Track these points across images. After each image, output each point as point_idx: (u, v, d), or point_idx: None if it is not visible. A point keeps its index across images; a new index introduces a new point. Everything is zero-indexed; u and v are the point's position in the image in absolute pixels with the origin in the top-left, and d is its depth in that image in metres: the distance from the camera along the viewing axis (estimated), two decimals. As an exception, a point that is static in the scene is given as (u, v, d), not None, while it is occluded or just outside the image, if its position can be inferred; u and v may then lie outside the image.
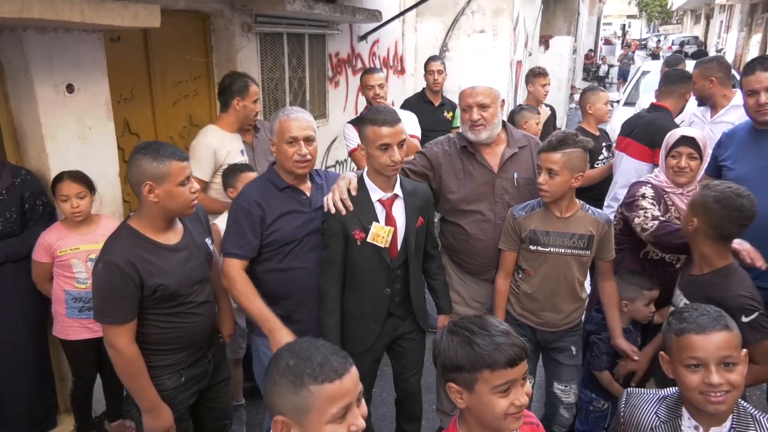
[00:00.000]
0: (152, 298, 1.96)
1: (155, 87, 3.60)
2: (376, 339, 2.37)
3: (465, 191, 2.51)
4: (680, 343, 1.51)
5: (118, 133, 3.34)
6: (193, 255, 2.09)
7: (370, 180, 2.25)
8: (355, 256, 2.25)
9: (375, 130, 2.13)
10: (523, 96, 9.49)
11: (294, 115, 2.23)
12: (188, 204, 2.00)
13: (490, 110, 2.40)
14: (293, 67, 4.85)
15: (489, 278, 2.57)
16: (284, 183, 2.26)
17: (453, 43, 7.23)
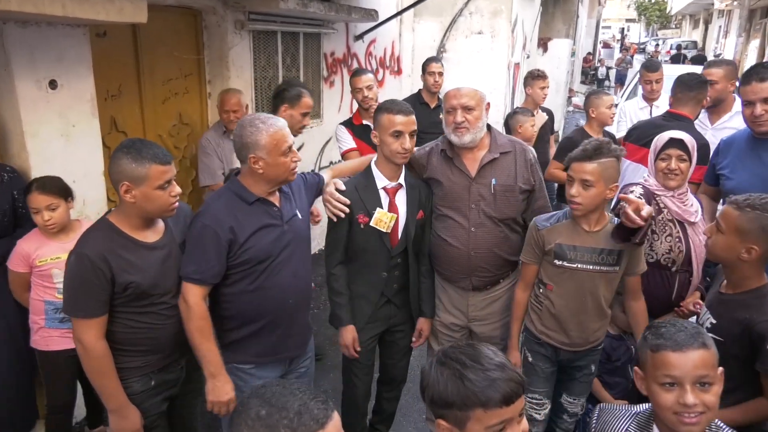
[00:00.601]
0: (123, 295, 1.91)
1: (144, 84, 3.52)
2: (367, 320, 2.47)
3: (441, 196, 2.46)
4: (655, 360, 1.44)
5: (105, 131, 3.27)
6: (172, 255, 2.03)
7: (378, 168, 2.41)
8: (357, 239, 2.38)
9: (390, 118, 2.29)
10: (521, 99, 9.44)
11: (280, 124, 2.08)
12: (166, 207, 1.94)
13: (475, 113, 2.33)
14: (287, 66, 4.77)
15: (464, 287, 2.51)
16: (253, 196, 2.10)
17: (450, 44, 7.16)
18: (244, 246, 2.06)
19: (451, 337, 2.63)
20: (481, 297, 2.52)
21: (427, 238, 2.51)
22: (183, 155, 3.93)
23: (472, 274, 2.44)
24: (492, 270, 2.45)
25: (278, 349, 2.24)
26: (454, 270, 2.47)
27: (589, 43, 22.11)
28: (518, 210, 2.43)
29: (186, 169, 3.96)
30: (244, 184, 2.11)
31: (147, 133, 3.59)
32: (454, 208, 2.42)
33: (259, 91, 4.45)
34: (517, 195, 2.40)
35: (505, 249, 2.44)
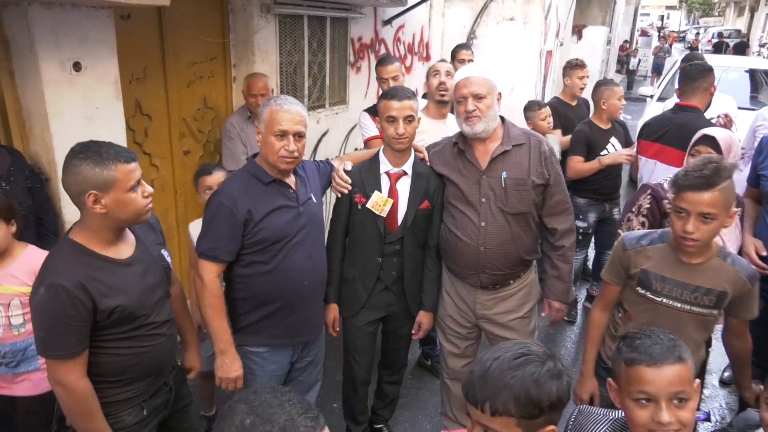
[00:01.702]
0: (108, 322, 1.69)
1: (169, 67, 3.50)
2: (362, 305, 2.49)
3: (452, 189, 2.41)
4: (630, 375, 1.39)
5: (129, 113, 3.28)
6: (149, 269, 1.83)
7: (384, 154, 2.44)
8: (355, 219, 2.43)
9: (385, 104, 2.33)
10: (552, 88, 9.21)
11: (287, 106, 2.08)
12: (141, 211, 1.73)
13: (486, 101, 2.27)
14: (313, 51, 4.72)
15: (473, 283, 2.44)
16: (269, 177, 2.14)
17: (481, 30, 7.00)
18: (259, 225, 2.08)
19: (458, 334, 2.58)
20: (490, 296, 2.45)
21: (434, 229, 2.47)
22: (207, 139, 3.93)
23: (481, 271, 2.37)
24: (502, 268, 2.37)
25: (292, 333, 2.26)
26: (463, 265, 2.41)
27: (626, 30, 21.48)
28: (532, 205, 2.33)
29: (210, 154, 3.96)
30: (260, 165, 2.15)
31: (171, 116, 3.59)
32: (464, 201, 2.36)
33: (284, 75, 4.41)
34: (530, 189, 2.30)
35: (518, 246, 2.35)
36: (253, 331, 2.22)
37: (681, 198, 1.85)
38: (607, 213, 4.10)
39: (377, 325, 2.60)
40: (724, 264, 1.91)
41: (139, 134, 3.40)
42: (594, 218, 4.10)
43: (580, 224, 4.05)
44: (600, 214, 4.10)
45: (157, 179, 3.59)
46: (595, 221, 4.11)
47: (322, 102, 4.99)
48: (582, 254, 4.26)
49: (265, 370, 2.27)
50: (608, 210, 4.09)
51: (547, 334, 4.11)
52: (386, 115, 2.30)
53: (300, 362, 2.39)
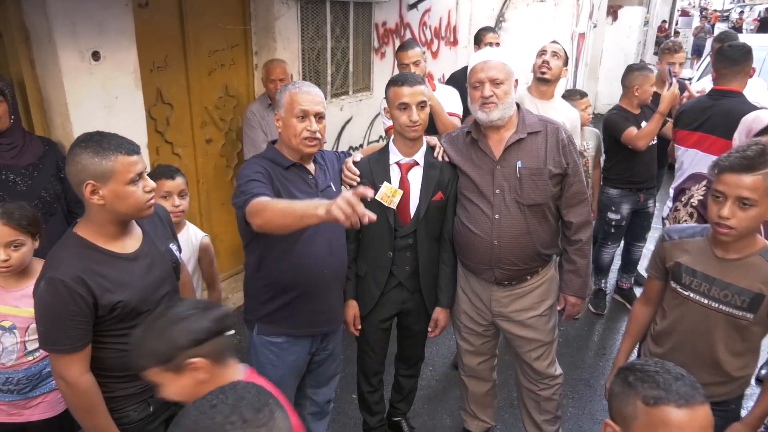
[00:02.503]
0: (110, 317, 1.66)
1: (190, 55, 3.49)
2: (375, 303, 2.42)
3: (465, 180, 2.32)
4: (653, 417, 1.17)
5: (151, 102, 3.29)
6: (155, 264, 1.79)
7: (394, 144, 2.35)
8: None
9: (396, 90, 2.23)
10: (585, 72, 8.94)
11: (306, 88, 2.07)
12: (141, 205, 1.67)
13: (504, 87, 2.17)
14: (336, 37, 4.65)
15: (488, 279, 2.34)
16: (288, 161, 2.11)
17: (510, 13, 6.81)
18: None
19: (473, 331, 2.50)
20: (506, 292, 2.35)
21: (449, 222, 2.38)
22: (229, 128, 3.92)
23: (495, 266, 2.27)
24: (518, 263, 2.26)
25: (311, 323, 2.23)
26: (477, 260, 2.31)
27: (665, 11, 20.66)
28: (548, 196, 2.22)
29: (232, 142, 3.95)
30: (280, 151, 2.13)
31: (193, 104, 3.59)
32: (477, 193, 2.26)
33: (306, 62, 4.36)
34: (546, 179, 2.19)
35: (534, 240, 2.24)
36: (273, 320, 2.21)
37: (720, 180, 1.70)
38: (641, 204, 3.89)
39: (392, 321, 2.54)
40: (764, 262, 1.74)
41: (161, 123, 3.40)
42: (628, 210, 3.88)
43: (612, 216, 3.88)
44: (634, 205, 3.88)
45: (180, 168, 3.56)
46: (629, 213, 3.90)
47: (346, 89, 4.92)
48: (613, 248, 4.08)
49: (285, 361, 2.26)
50: (643, 201, 3.88)
51: (573, 326, 4.00)
52: (398, 102, 2.21)
53: (319, 354, 2.37)
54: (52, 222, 2.57)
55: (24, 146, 2.51)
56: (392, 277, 2.39)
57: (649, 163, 3.79)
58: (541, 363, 2.43)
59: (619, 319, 4.11)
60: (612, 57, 10.39)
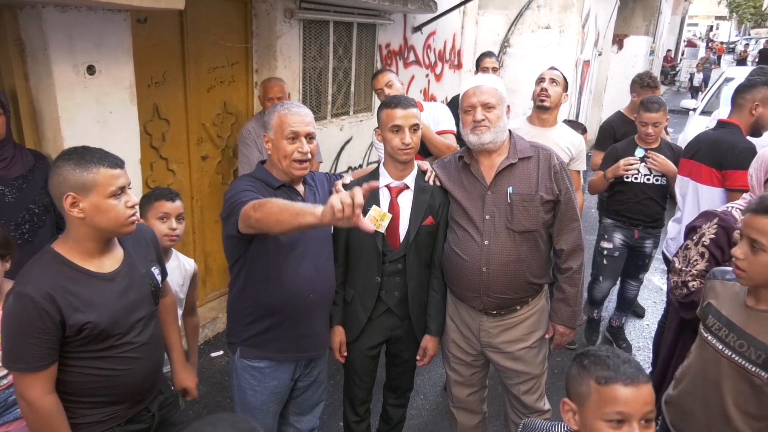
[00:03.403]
0: (77, 338, 1.59)
1: (189, 71, 3.48)
2: (363, 329, 2.37)
3: (455, 205, 2.28)
4: (603, 394, 1.33)
5: (147, 117, 3.27)
6: (132, 286, 1.73)
7: (384, 167, 2.31)
8: (353, 236, 2.30)
9: (388, 113, 2.19)
10: (589, 99, 8.94)
11: (295, 109, 2.04)
12: (123, 221, 1.63)
13: (495, 111, 2.14)
14: (339, 57, 4.65)
15: (476, 307, 2.28)
16: (278, 181, 2.07)
17: (515, 38, 6.83)
18: None
19: (462, 361, 2.43)
20: (495, 322, 2.29)
21: (439, 248, 2.34)
22: (226, 145, 3.89)
23: (484, 294, 2.21)
24: (507, 291, 2.21)
25: (295, 348, 2.18)
26: (465, 287, 2.26)
27: (671, 41, 20.84)
28: (540, 222, 2.17)
29: (229, 159, 3.93)
30: (269, 171, 2.10)
31: (190, 121, 3.57)
32: (467, 218, 2.22)
33: (308, 82, 4.35)
34: (538, 206, 2.15)
35: (524, 268, 2.18)
36: (255, 344, 2.15)
37: (744, 222, 1.69)
38: (636, 241, 3.73)
39: (380, 349, 2.48)
40: None
41: (156, 138, 3.38)
42: (621, 241, 3.75)
43: (605, 245, 3.81)
44: (628, 240, 3.74)
45: (174, 184, 3.56)
46: (623, 245, 3.76)
47: (347, 109, 4.91)
48: (607, 284, 3.91)
49: (266, 387, 2.20)
50: (638, 238, 3.71)
51: (569, 356, 3.91)
52: (390, 125, 2.17)
53: (303, 380, 2.31)
54: (41, 234, 2.55)
55: (14, 158, 2.49)
56: (380, 302, 2.33)
57: (646, 201, 3.61)
58: (529, 397, 2.36)
59: (617, 351, 4.01)
60: (617, 85, 10.40)
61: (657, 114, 3.43)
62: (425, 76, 6.01)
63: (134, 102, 2.92)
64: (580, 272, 2.26)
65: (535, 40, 6.74)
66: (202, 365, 3.57)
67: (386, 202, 2.28)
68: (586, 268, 3.73)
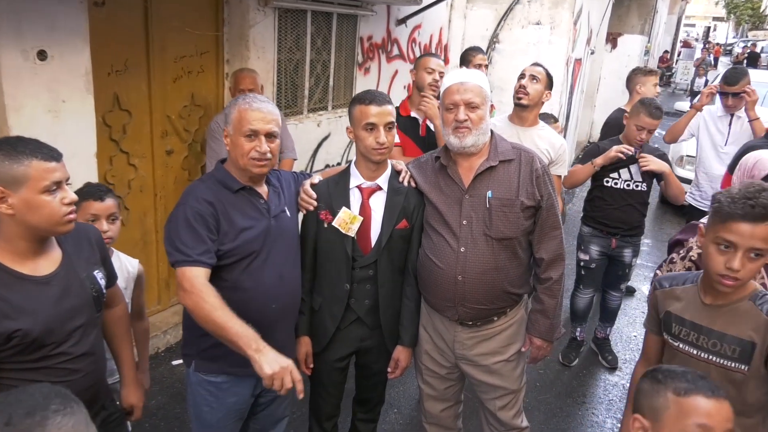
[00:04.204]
0: (6, 347, 1.51)
1: (153, 60, 3.39)
2: (330, 339, 2.30)
3: (430, 209, 2.23)
4: (684, 405, 1.32)
5: (106, 108, 3.18)
6: (70, 290, 1.65)
7: (356, 167, 2.25)
8: (322, 240, 2.24)
9: (362, 109, 2.13)
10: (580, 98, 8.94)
11: (257, 104, 1.95)
12: (57, 219, 1.55)
13: (479, 112, 2.10)
14: (317, 49, 4.58)
15: (451, 317, 2.23)
16: (238, 184, 2.00)
17: (504, 34, 6.80)
18: (225, 237, 1.95)
19: (435, 374, 2.38)
20: (470, 333, 2.24)
21: (413, 253, 2.29)
22: (193, 139, 3.81)
23: (459, 304, 2.17)
24: (484, 301, 2.16)
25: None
26: (439, 296, 2.21)
27: (667, 41, 21.04)
28: (520, 229, 2.13)
29: (196, 154, 3.84)
30: (229, 171, 2.03)
31: (154, 112, 3.48)
32: (443, 223, 2.17)
33: (283, 74, 4.27)
34: (518, 211, 2.11)
35: (502, 277, 2.14)
36: (211, 357, 2.07)
37: (728, 229, 1.62)
38: (614, 251, 3.70)
39: (349, 360, 2.42)
40: (755, 308, 1.66)
41: (116, 131, 3.28)
42: (597, 252, 3.71)
43: (581, 256, 3.78)
44: (605, 249, 3.71)
45: (135, 180, 3.47)
46: (600, 255, 3.73)
47: (325, 104, 4.84)
48: (587, 293, 3.90)
49: (224, 403, 2.12)
50: (615, 247, 3.68)
51: (552, 369, 3.87)
52: (364, 122, 2.11)
53: (265, 396, 2.23)
54: None
55: None
56: (350, 311, 2.27)
57: (625, 208, 3.58)
58: (506, 413, 2.31)
59: (600, 365, 3.99)
60: (610, 85, 10.44)
61: (657, 121, 3.39)
62: (410, 71, 5.91)
63: (90, 91, 2.83)
64: (560, 283, 2.22)
65: (525, 36, 6.71)
66: (161, 374, 3.48)
67: (357, 204, 2.22)
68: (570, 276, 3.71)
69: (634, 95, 4.21)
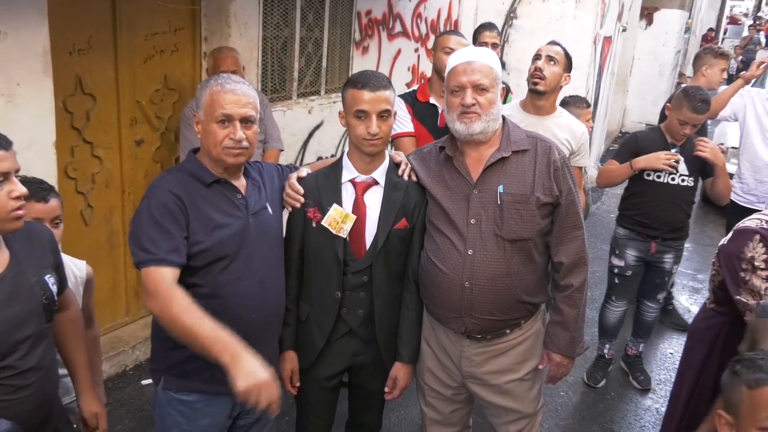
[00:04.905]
0: None
1: (121, 38, 3.42)
2: (319, 354, 2.29)
3: (434, 206, 2.23)
4: (756, 398, 1.38)
5: (67, 92, 3.21)
6: (18, 296, 1.64)
7: (349, 158, 2.25)
8: (310, 241, 2.25)
9: (353, 94, 2.13)
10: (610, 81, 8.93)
11: (231, 85, 1.95)
12: (3, 215, 1.56)
13: (488, 95, 2.10)
14: (308, 26, 4.61)
15: (457, 329, 2.23)
16: (211, 176, 2.00)
17: (523, 8, 6.83)
18: (195, 237, 1.94)
19: (440, 395, 2.39)
20: (479, 348, 2.24)
21: (414, 257, 2.30)
22: (166, 127, 3.84)
23: (466, 314, 2.16)
24: (494, 312, 2.16)
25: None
26: (444, 305, 2.21)
27: (712, 17, 21.00)
28: (535, 229, 2.14)
29: (169, 145, 3.87)
30: (201, 162, 2.04)
31: (122, 97, 3.50)
32: (448, 222, 2.17)
33: (269, 53, 4.30)
34: (533, 209, 2.11)
35: (515, 283, 2.14)
36: (183, 373, 2.07)
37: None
38: (654, 256, 3.69)
39: (340, 378, 2.42)
40: None
41: (79, 118, 3.31)
42: (634, 257, 3.70)
43: (615, 262, 3.77)
44: (643, 255, 3.70)
45: (100, 173, 3.50)
46: (637, 262, 3.72)
47: (317, 88, 4.87)
48: (620, 305, 3.87)
49: (196, 425, 2.13)
50: (655, 252, 3.67)
51: (575, 391, 3.88)
52: (355, 109, 2.11)
53: (244, 418, 2.24)
54: None
55: None
56: (341, 322, 2.28)
57: (668, 206, 3.56)
58: None
59: (630, 386, 3.98)
60: (644, 67, 10.46)
61: (702, 116, 3.39)
62: (414, 51, 5.97)
63: (49, 72, 2.86)
64: (582, 290, 2.22)
65: (547, 10, 6.75)
66: (129, 394, 3.50)
67: (350, 201, 2.22)
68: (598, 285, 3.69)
69: (699, 77, 4.26)
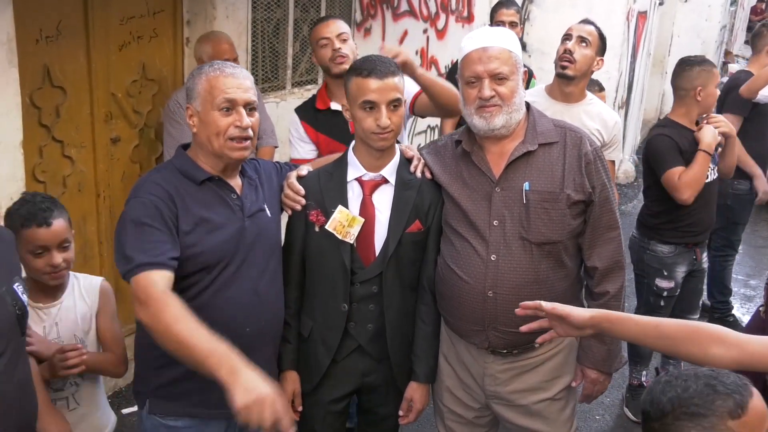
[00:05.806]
0: None
1: (93, 22, 3.47)
2: (324, 374, 2.33)
3: (451, 207, 2.28)
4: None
5: (34, 85, 3.26)
6: None
7: (354, 154, 2.30)
8: (312, 248, 2.30)
9: (358, 83, 2.17)
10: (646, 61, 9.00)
11: (230, 69, 2.03)
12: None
13: (509, 84, 2.14)
14: (302, 6, 4.68)
15: (479, 344, 2.27)
16: (203, 173, 2.06)
17: (546, -19, 6.89)
18: (185, 241, 2.00)
19: (461, 419, 2.43)
20: (505, 365, 2.29)
21: (429, 263, 2.35)
22: (146, 123, 3.90)
23: (490, 327, 2.21)
24: (521, 324, 2.16)
25: (226, 401, 2.13)
26: (465, 318, 2.26)
27: (761, -13, 21.06)
28: (566, 231, 2.19)
29: (149, 143, 3.93)
30: (192, 158, 2.09)
31: (95, 90, 3.56)
32: (468, 224, 2.22)
33: (259, 37, 4.37)
34: (563, 208, 2.16)
35: (544, 292, 2.17)
36: (170, 395, 2.13)
37: None
38: (697, 263, 3.75)
39: (348, 401, 2.47)
40: None
41: (48, 114, 3.36)
42: (683, 273, 3.70)
43: (664, 285, 3.70)
44: (690, 266, 3.72)
45: (72, 176, 3.54)
46: (684, 276, 3.73)
47: (313, 76, 4.93)
48: None
49: None
50: (698, 257, 3.73)
51: (611, 412, 3.91)
52: (361, 100, 2.16)
53: None
54: None
55: None
56: (348, 338, 2.33)
57: (712, 205, 3.64)
58: None
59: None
60: (685, 45, 10.46)
61: None
62: (423, 32, 6.03)
63: (14, 63, 2.91)
64: (618, 298, 2.27)
65: (573, -17, 6.81)
66: (109, 425, 3.55)
67: (357, 202, 2.27)
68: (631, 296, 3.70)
69: (762, 56, 4.31)
